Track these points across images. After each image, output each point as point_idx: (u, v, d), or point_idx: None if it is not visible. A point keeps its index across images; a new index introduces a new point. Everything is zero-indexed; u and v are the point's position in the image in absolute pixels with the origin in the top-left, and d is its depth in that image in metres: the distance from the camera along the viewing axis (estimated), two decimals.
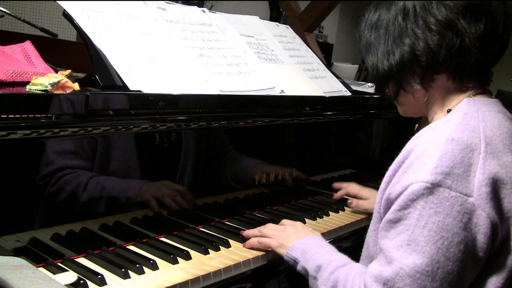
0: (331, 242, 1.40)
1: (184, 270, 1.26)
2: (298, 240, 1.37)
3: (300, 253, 1.33)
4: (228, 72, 1.64)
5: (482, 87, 1.22)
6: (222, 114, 1.57)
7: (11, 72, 1.22)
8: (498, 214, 1.07)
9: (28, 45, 1.39)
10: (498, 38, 1.17)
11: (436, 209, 1.04)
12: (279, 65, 1.90)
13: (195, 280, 1.23)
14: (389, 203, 1.13)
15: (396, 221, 1.10)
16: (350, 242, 1.70)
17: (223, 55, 1.69)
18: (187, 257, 1.32)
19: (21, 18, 2.26)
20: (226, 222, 1.60)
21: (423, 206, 1.05)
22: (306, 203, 1.89)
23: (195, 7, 1.82)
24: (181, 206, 1.48)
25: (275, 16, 2.43)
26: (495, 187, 1.07)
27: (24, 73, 1.25)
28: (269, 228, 1.47)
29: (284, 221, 1.53)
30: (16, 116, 1.10)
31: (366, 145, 2.32)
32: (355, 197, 1.87)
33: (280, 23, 2.26)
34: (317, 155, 2.04)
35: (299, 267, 1.32)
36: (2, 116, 1.08)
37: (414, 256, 1.05)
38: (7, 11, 2.21)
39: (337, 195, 1.92)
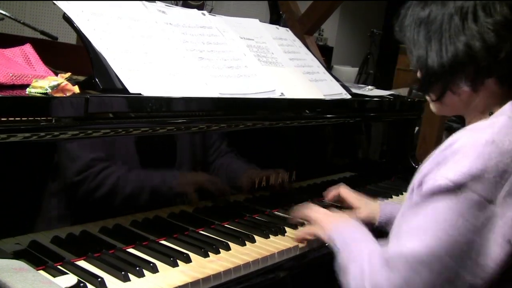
0: None
1: (184, 273, 1.26)
2: (339, 221, 1.43)
3: (338, 234, 1.36)
4: (228, 75, 1.64)
5: None
6: (222, 117, 1.57)
7: (11, 75, 1.22)
8: None
9: (28, 48, 1.39)
10: None
11: (452, 207, 1.04)
12: (279, 68, 1.90)
13: (195, 283, 1.23)
14: (420, 185, 1.14)
15: (416, 205, 1.12)
16: None
17: (223, 58, 1.69)
18: (187, 260, 1.32)
19: (21, 21, 2.27)
20: (226, 225, 1.60)
21: (441, 200, 1.06)
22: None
23: (195, 10, 1.82)
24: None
25: (275, 18, 2.43)
26: None
27: (24, 76, 1.25)
28: (315, 213, 1.52)
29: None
30: (16, 119, 1.10)
31: (366, 148, 2.32)
32: (346, 203, 1.78)
33: (280, 25, 2.26)
34: (317, 157, 2.04)
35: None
36: (2, 119, 1.08)
37: (415, 242, 1.07)
38: (7, 14, 2.21)
39: (329, 197, 1.84)
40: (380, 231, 1.60)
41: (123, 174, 1.35)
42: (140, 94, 1.34)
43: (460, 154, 1.07)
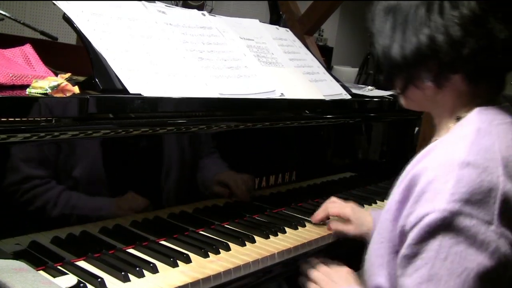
0: None
1: (184, 273, 1.26)
2: None
3: None
4: (228, 75, 1.64)
5: (496, 93, 1.14)
6: (222, 117, 1.57)
7: (11, 75, 1.22)
8: None
9: (28, 48, 1.39)
10: None
11: (457, 239, 0.95)
12: (279, 68, 1.90)
13: (195, 283, 1.23)
14: (403, 236, 1.04)
15: (413, 256, 1.00)
16: None
17: (223, 58, 1.69)
18: (187, 260, 1.32)
19: (21, 21, 2.26)
20: (226, 226, 1.60)
21: (442, 237, 0.95)
22: (307, 206, 1.88)
23: (195, 10, 1.82)
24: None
25: (275, 19, 2.43)
26: None
27: (24, 76, 1.25)
28: (319, 273, 1.42)
29: (332, 267, 1.45)
30: (16, 119, 1.10)
31: (366, 148, 2.32)
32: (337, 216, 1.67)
33: (280, 26, 2.26)
34: (317, 158, 2.04)
35: None
36: (2, 119, 1.08)
37: None
38: (7, 14, 2.21)
39: (316, 219, 1.70)
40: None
41: (124, 174, 1.35)
42: (140, 94, 1.34)
43: (438, 182, 0.98)
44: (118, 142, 1.33)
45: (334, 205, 1.68)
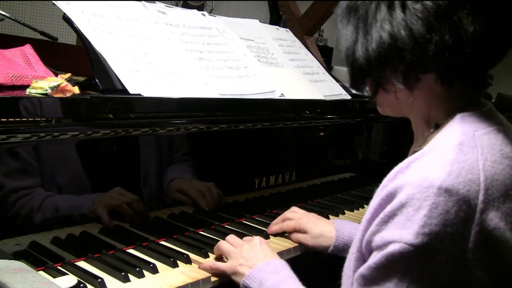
0: None
1: (184, 273, 1.26)
2: (256, 267, 1.23)
3: (257, 285, 1.19)
4: (228, 75, 1.64)
5: (475, 94, 1.02)
6: (222, 117, 1.57)
7: (11, 75, 1.22)
8: (493, 276, 0.90)
9: (28, 48, 1.39)
10: (501, 38, 0.96)
11: (422, 269, 0.88)
12: (279, 69, 1.90)
13: (195, 284, 1.23)
14: (367, 251, 0.97)
15: (371, 280, 0.92)
16: None
17: (223, 59, 1.69)
18: (187, 260, 1.32)
19: (21, 22, 2.26)
20: (226, 226, 1.60)
21: (405, 269, 0.88)
22: (307, 206, 1.88)
23: (195, 10, 1.82)
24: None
25: (275, 19, 2.43)
26: (493, 245, 0.89)
27: (24, 76, 1.25)
28: (228, 243, 1.34)
29: (245, 238, 1.38)
30: (16, 119, 1.10)
31: (366, 148, 2.32)
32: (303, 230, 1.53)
33: (280, 26, 2.26)
34: (317, 158, 2.04)
35: None
36: (2, 119, 1.08)
37: None
38: (7, 14, 2.21)
39: (271, 230, 1.58)
40: (335, 256, 1.43)
41: (124, 175, 1.35)
42: (140, 94, 1.34)
43: (411, 207, 0.88)
44: (118, 142, 1.33)
45: (289, 222, 1.56)
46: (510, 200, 0.92)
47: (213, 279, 1.27)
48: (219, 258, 1.35)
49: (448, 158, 0.91)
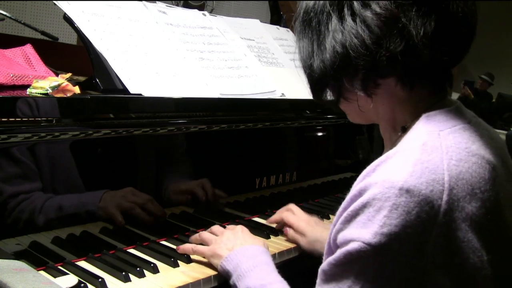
0: None
1: (185, 273, 1.26)
2: (234, 250, 1.25)
3: (233, 267, 1.21)
4: (228, 75, 1.64)
5: (439, 93, 1.01)
6: (222, 117, 1.57)
7: (11, 75, 1.22)
8: (453, 281, 0.88)
9: (28, 48, 1.39)
10: (456, 35, 0.96)
11: (379, 269, 0.87)
12: (279, 69, 1.90)
13: (196, 284, 1.23)
14: (332, 247, 0.97)
15: (331, 276, 0.93)
16: None
17: (224, 59, 1.69)
18: (188, 260, 1.32)
19: (22, 22, 2.26)
20: (227, 226, 1.60)
21: (362, 267, 0.88)
22: (307, 206, 1.88)
23: (196, 10, 1.82)
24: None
25: (276, 19, 2.43)
26: (454, 249, 0.88)
27: (24, 76, 1.25)
28: (208, 232, 1.37)
29: (228, 227, 1.41)
30: (17, 119, 1.10)
31: (367, 148, 2.32)
32: (291, 227, 1.54)
33: (280, 26, 2.26)
34: (318, 158, 2.04)
35: (231, 282, 1.21)
36: (3, 119, 1.08)
37: None
38: (7, 14, 2.21)
39: (271, 220, 1.61)
40: None
41: (125, 175, 1.35)
42: (140, 94, 1.34)
43: (372, 207, 0.88)
44: (119, 141, 1.33)
45: (292, 216, 1.56)
46: (476, 199, 0.90)
47: (213, 279, 1.27)
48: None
49: (411, 158, 0.90)
